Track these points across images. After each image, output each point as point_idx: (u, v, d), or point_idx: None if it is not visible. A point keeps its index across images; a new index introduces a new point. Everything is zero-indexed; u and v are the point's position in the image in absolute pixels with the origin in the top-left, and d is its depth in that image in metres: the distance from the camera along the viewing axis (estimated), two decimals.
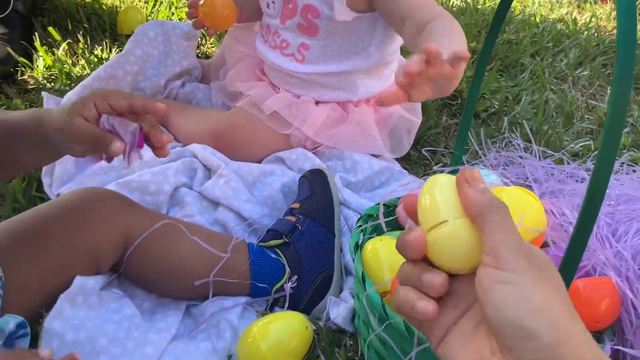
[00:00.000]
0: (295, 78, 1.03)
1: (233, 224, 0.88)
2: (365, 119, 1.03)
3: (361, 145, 1.03)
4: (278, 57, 1.04)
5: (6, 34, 1.28)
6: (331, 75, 1.02)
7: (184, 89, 1.19)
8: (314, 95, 1.04)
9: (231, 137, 0.99)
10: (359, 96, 1.04)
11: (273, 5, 1.02)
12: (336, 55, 1.00)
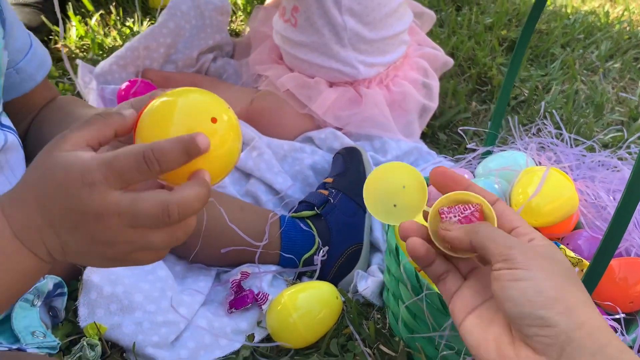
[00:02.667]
0: (300, 60, 1.04)
1: (264, 195, 0.89)
2: (378, 101, 1.02)
3: (375, 127, 1.02)
4: (282, 25, 1.07)
5: (40, 2, 1.29)
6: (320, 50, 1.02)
7: (215, 63, 1.20)
8: (322, 75, 1.04)
9: (260, 119, 1.00)
10: (363, 74, 1.03)
11: None
12: (317, 21, 1.00)
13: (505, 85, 0.89)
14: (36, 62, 0.72)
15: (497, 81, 1.30)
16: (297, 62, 1.04)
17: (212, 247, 0.78)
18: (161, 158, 0.38)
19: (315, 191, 0.86)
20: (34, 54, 0.71)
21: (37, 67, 0.72)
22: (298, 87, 1.00)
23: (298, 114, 1.00)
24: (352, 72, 1.01)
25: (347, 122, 1.00)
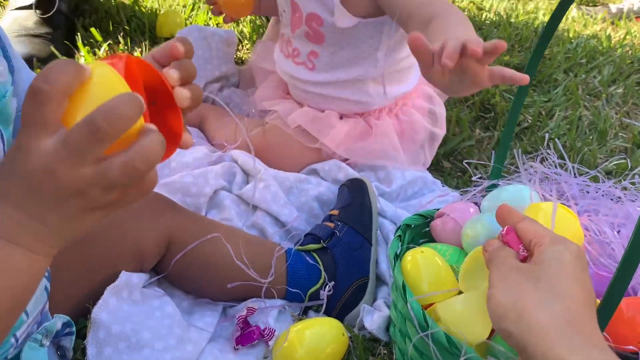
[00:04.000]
0: (311, 93, 1.04)
1: (270, 227, 0.89)
2: (388, 132, 1.03)
3: (383, 158, 1.03)
4: (291, 66, 1.05)
5: (50, 33, 1.31)
6: (343, 84, 1.02)
7: (222, 93, 1.22)
8: (334, 108, 1.04)
9: (265, 154, 1.00)
10: (377, 104, 1.04)
11: (285, 14, 1.04)
12: (345, 61, 1.00)
13: (510, 122, 0.90)
14: None
15: (501, 108, 1.31)
16: (308, 95, 1.04)
17: (219, 282, 0.79)
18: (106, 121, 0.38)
19: (321, 223, 0.87)
20: None
21: None
22: (309, 122, 1.01)
23: (304, 147, 1.01)
24: (368, 101, 1.02)
25: (357, 154, 1.01)
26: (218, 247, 0.79)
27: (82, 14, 1.47)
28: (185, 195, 0.89)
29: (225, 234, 0.80)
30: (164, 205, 0.79)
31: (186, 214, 0.81)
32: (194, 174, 0.92)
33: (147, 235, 0.75)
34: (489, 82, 0.66)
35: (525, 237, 0.54)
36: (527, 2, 1.96)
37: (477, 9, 1.86)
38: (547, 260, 0.47)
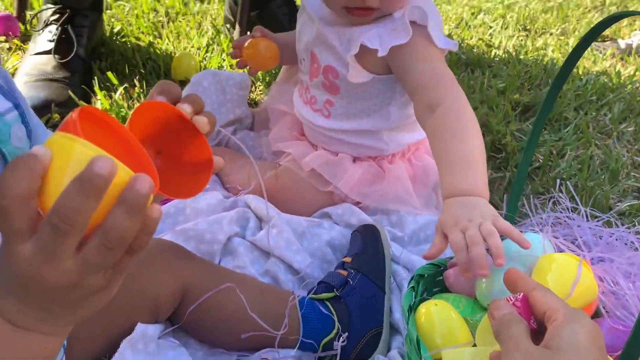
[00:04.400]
0: (327, 136, 1.05)
1: (283, 275, 0.90)
2: (401, 176, 1.04)
3: (397, 203, 1.03)
4: (309, 112, 1.07)
5: (68, 77, 1.35)
6: (358, 132, 1.03)
7: (236, 136, 1.23)
8: (348, 151, 1.05)
9: (278, 196, 1.01)
10: (391, 150, 1.05)
11: (304, 62, 1.06)
12: (359, 112, 1.02)
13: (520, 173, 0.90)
14: None
15: (512, 147, 1.31)
16: (323, 138, 1.06)
17: (233, 332, 0.79)
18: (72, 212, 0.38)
19: (334, 271, 0.88)
20: None
21: None
22: (323, 166, 1.02)
23: (317, 191, 1.02)
24: (382, 147, 1.03)
25: (370, 197, 1.02)
26: (232, 297, 0.79)
27: (98, 57, 1.51)
28: (199, 242, 0.90)
29: (240, 284, 0.80)
30: (178, 255, 0.80)
31: (201, 264, 0.82)
32: (208, 221, 0.93)
33: (163, 287, 0.76)
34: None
35: (538, 309, 0.53)
36: (536, 39, 1.98)
37: (486, 45, 1.88)
38: (563, 349, 0.46)
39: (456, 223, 0.70)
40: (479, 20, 2.06)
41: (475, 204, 0.73)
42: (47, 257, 0.39)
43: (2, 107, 0.59)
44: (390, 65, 0.93)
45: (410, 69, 0.90)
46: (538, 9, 2.24)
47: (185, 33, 1.68)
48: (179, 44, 1.61)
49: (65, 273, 0.40)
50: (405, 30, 0.89)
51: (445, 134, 0.82)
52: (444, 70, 0.89)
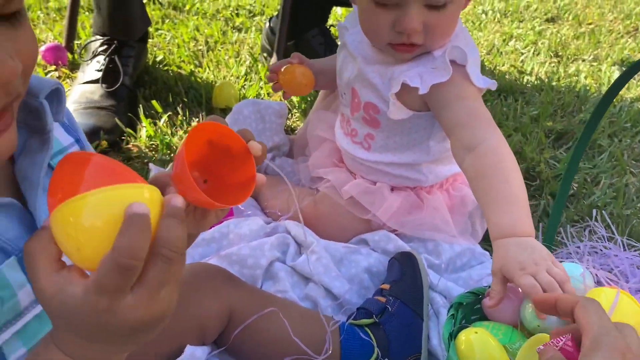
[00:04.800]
0: (366, 167, 1.08)
1: (323, 300, 0.93)
2: (439, 206, 1.06)
3: (435, 232, 1.05)
4: (349, 144, 1.10)
5: (114, 105, 1.41)
6: (397, 165, 1.06)
7: (274, 162, 1.28)
8: (386, 181, 1.08)
9: (316, 222, 1.05)
10: (430, 182, 1.07)
11: (345, 96, 1.09)
12: (398, 146, 1.04)
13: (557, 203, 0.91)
14: None
15: (546, 175, 1.32)
16: (362, 167, 1.09)
17: (275, 355, 0.82)
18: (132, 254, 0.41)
19: (373, 298, 0.90)
20: None
21: None
22: (362, 194, 1.04)
23: (355, 218, 1.05)
24: (421, 179, 1.05)
25: (408, 226, 1.04)
26: (275, 321, 0.82)
27: (142, 85, 1.58)
28: (242, 267, 0.94)
29: (282, 308, 0.83)
30: (225, 280, 0.84)
31: (245, 288, 0.86)
32: (250, 246, 0.97)
33: (210, 310, 0.79)
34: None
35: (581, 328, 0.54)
36: (568, 65, 1.99)
37: (518, 72, 1.90)
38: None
39: (523, 267, 0.71)
40: (510, 46, 2.08)
41: (531, 246, 0.74)
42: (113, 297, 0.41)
43: (66, 141, 0.63)
44: (429, 102, 0.96)
45: (447, 107, 0.92)
46: (570, 35, 2.25)
47: (225, 62, 1.74)
48: (218, 73, 1.67)
49: (134, 306, 0.42)
50: (446, 69, 0.91)
51: (487, 174, 0.83)
52: (481, 110, 0.91)
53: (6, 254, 0.51)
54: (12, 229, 0.52)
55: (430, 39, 0.92)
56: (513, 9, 2.49)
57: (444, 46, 0.94)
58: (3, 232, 0.51)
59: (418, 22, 0.89)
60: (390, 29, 0.91)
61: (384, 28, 0.92)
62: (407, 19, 0.88)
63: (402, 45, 0.93)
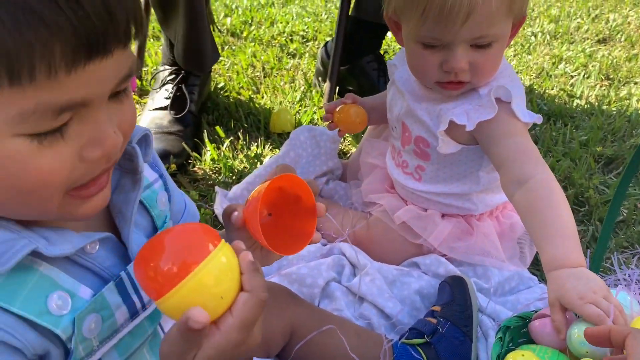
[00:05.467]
0: (417, 195, 1.14)
1: (376, 319, 0.99)
2: (488, 232, 1.10)
3: (485, 258, 1.09)
4: (400, 174, 1.16)
5: (182, 130, 1.53)
6: (447, 195, 1.11)
7: (328, 186, 1.35)
8: (437, 209, 1.13)
9: (369, 245, 1.12)
10: (480, 210, 1.12)
11: (396, 129, 1.16)
12: (449, 177, 1.09)
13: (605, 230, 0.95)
14: (190, 217, 0.87)
15: (595, 201, 1.34)
16: (413, 196, 1.14)
17: None
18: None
19: (424, 319, 0.95)
20: (188, 212, 0.82)
21: (192, 220, 0.87)
22: (413, 220, 1.10)
23: (406, 242, 1.11)
24: (471, 208, 1.10)
25: (458, 252, 1.09)
26: (332, 338, 0.89)
27: (205, 111, 1.69)
28: (301, 285, 1.01)
29: (339, 325, 0.90)
30: (287, 298, 0.91)
31: (305, 306, 0.93)
32: (308, 266, 1.04)
33: (275, 326, 0.87)
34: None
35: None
36: (619, 88, 1.99)
37: (568, 96, 1.91)
38: None
39: (582, 297, 0.75)
40: (560, 70, 2.10)
41: (586, 276, 0.78)
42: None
43: (152, 177, 0.70)
44: (477, 137, 1.01)
45: (496, 143, 0.97)
46: (621, 57, 2.24)
47: (281, 88, 1.84)
48: (275, 99, 1.77)
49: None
50: (491, 107, 0.97)
51: (538, 208, 0.88)
52: (528, 145, 0.96)
53: (105, 280, 0.59)
54: (109, 259, 0.60)
55: (476, 77, 0.97)
56: (563, 30, 2.50)
57: (489, 84, 0.99)
58: (102, 261, 0.59)
59: (465, 61, 0.94)
60: (437, 68, 0.97)
61: (431, 68, 0.98)
62: (454, 59, 0.94)
63: (449, 83, 0.98)
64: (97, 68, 0.46)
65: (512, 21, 0.97)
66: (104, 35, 0.45)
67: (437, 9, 0.90)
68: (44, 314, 0.52)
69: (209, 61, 1.57)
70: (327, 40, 2.26)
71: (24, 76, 0.42)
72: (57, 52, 0.43)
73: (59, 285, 0.54)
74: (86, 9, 0.43)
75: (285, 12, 2.58)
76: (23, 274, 0.52)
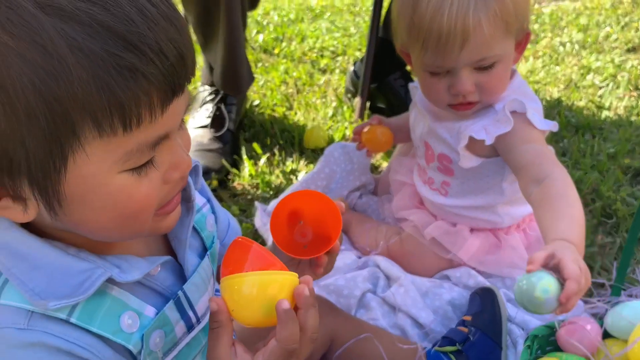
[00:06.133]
0: (445, 211, 1.19)
1: (410, 329, 1.05)
2: (516, 245, 1.15)
3: (513, 270, 1.14)
4: (427, 190, 1.22)
5: (221, 148, 1.61)
6: (473, 208, 1.16)
7: (361, 200, 1.42)
8: (465, 223, 1.18)
9: (402, 259, 1.18)
10: (506, 223, 1.16)
11: (419, 148, 1.22)
12: (473, 190, 1.14)
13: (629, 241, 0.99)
14: (234, 234, 0.90)
15: (623, 213, 1.37)
16: (441, 211, 1.20)
17: None
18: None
19: (455, 328, 1.01)
20: (232, 229, 0.89)
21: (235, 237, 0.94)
22: (443, 235, 1.16)
23: (437, 256, 1.17)
24: (497, 220, 1.15)
25: (487, 265, 1.14)
26: (369, 345, 0.95)
27: (242, 128, 1.77)
28: (339, 296, 1.08)
29: (375, 334, 0.97)
30: (327, 309, 0.98)
31: (343, 315, 1.00)
32: (345, 278, 1.11)
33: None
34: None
35: None
36: None
37: (596, 107, 1.94)
38: None
39: (575, 260, 0.75)
40: (588, 81, 2.12)
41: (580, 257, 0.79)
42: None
43: (201, 202, 0.77)
44: (497, 148, 1.06)
45: (514, 151, 1.02)
46: None
47: (313, 105, 1.92)
48: (308, 115, 1.85)
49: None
50: (507, 120, 1.02)
51: (552, 199, 0.90)
52: (545, 150, 1.01)
53: (166, 298, 0.66)
54: (168, 278, 0.67)
55: (484, 96, 1.03)
56: (592, 39, 2.51)
57: (503, 99, 1.04)
58: (163, 281, 0.66)
59: (470, 83, 1.00)
60: (446, 93, 1.03)
61: (441, 93, 1.04)
62: (460, 83, 1.00)
63: (460, 105, 1.05)
64: (175, 105, 0.54)
65: (514, 40, 1.02)
66: (181, 77, 0.53)
67: (435, 39, 0.96)
68: (117, 332, 0.59)
69: (245, 85, 1.65)
70: (356, 56, 2.33)
71: (134, 123, 0.50)
72: (155, 98, 0.50)
73: (129, 306, 0.61)
74: (170, 58, 0.51)
75: (315, 28, 2.67)
76: (98, 298, 0.59)
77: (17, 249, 0.57)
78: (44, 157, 0.49)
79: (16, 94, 0.46)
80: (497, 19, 0.95)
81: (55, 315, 0.56)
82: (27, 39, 0.46)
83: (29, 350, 0.55)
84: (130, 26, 0.48)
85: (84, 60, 0.47)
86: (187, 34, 0.54)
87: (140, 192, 0.55)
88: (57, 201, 0.52)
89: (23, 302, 0.55)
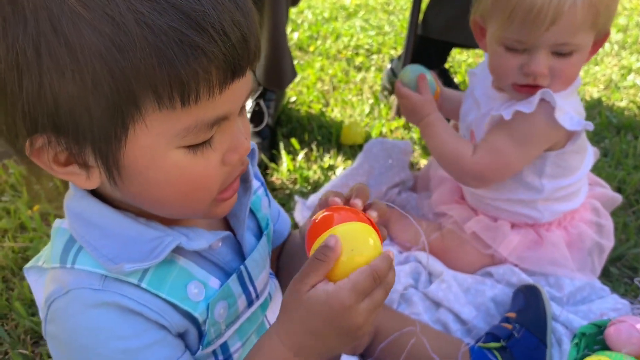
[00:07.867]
0: (485, 203, 1.19)
1: (453, 324, 1.05)
2: (557, 242, 1.14)
3: (553, 266, 1.13)
4: None
5: (260, 143, 1.63)
6: (513, 201, 1.15)
7: (400, 197, 1.42)
8: (506, 217, 1.17)
9: (444, 255, 1.17)
10: (546, 219, 1.15)
11: (465, 137, 1.21)
12: (512, 184, 1.14)
13: None
14: (283, 223, 0.92)
15: None
16: (482, 204, 1.20)
17: None
18: (381, 273, 0.57)
19: (499, 324, 1.01)
20: (282, 218, 0.89)
21: (284, 227, 0.95)
22: (483, 230, 1.16)
23: (479, 252, 1.16)
24: (537, 216, 1.15)
25: (528, 261, 1.13)
26: (412, 339, 0.96)
27: (280, 124, 1.79)
28: None
29: (421, 330, 0.97)
30: None
31: (387, 309, 1.00)
32: None
33: None
34: None
35: None
36: None
37: (638, 108, 1.90)
38: None
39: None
40: (629, 81, 2.09)
41: None
42: (356, 294, 0.56)
43: (256, 184, 0.80)
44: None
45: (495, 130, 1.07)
46: None
47: (349, 102, 1.92)
48: (344, 112, 1.86)
49: (363, 311, 0.57)
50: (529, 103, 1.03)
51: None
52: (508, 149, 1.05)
53: (226, 273, 0.68)
54: (228, 254, 0.69)
55: (555, 82, 1.02)
56: (632, 40, 2.47)
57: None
58: (224, 256, 0.68)
59: (544, 66, 0.99)
60: (517, 71, 1.02)
61: (511, 70, 1.03)
62: (535, 63, 0.99)
63: (526, 86, 1.04)
64: (236, 87, 0.55)
65: (594, 35, 1.01)
66: (243, 60, 0.54)
67: (524, 12, 0.95)
68: (185, 299, 0.62)
69: (288, 80, 1.66)
70: (391, 54, 2.33)
71: (192, 99, 0.51)
72: (214, 76, 0.52)
73: (194, 276, 0.63)
74: (232, 39, 0.52)
75: (350, 26, 2.67)
76: (167, 266, 0.61)
77: (91, 218, 0.59)
78: (106, 125, 0.51)
79: (85, 61, 0.48)
80: (591, 7, 0.95)
81: (128, 280, 0.58)
82: (99, 10, 0.48)
83: (103, 309, 0.57)
84: (196, 4, 0.50)
85: (148, 34, 0.48)
86: (252, 18, 0.55)
87: (195, 171, 0.56)
88: (116, 169, 0.55)
89: (97, 267, 0.58)
